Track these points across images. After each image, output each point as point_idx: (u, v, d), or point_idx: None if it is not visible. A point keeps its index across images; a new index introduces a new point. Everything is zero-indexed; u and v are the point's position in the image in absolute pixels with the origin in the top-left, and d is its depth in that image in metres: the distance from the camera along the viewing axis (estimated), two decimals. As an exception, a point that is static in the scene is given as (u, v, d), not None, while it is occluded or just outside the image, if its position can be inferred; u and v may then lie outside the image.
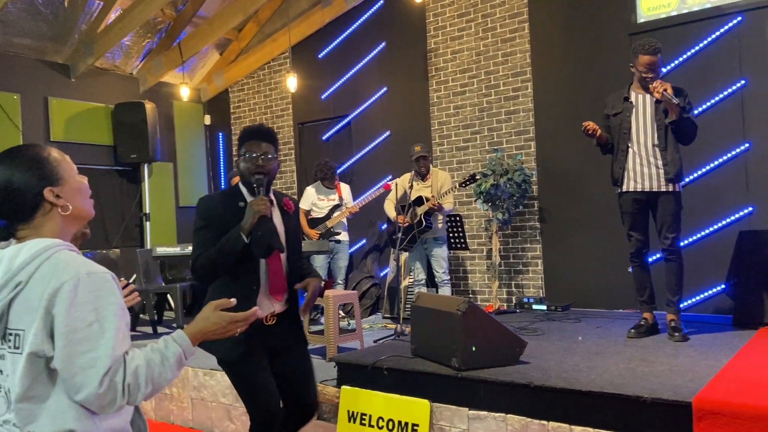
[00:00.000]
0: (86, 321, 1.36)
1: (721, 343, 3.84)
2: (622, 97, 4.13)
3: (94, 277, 1.39)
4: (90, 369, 1.34)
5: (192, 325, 1.55)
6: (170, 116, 8.08)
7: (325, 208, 6.07)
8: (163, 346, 1.47)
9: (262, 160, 2.52)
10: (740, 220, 4.97)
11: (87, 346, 1.35)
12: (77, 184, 1.54)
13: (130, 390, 1.37)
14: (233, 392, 4.16)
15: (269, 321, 2.61)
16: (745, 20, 4.97)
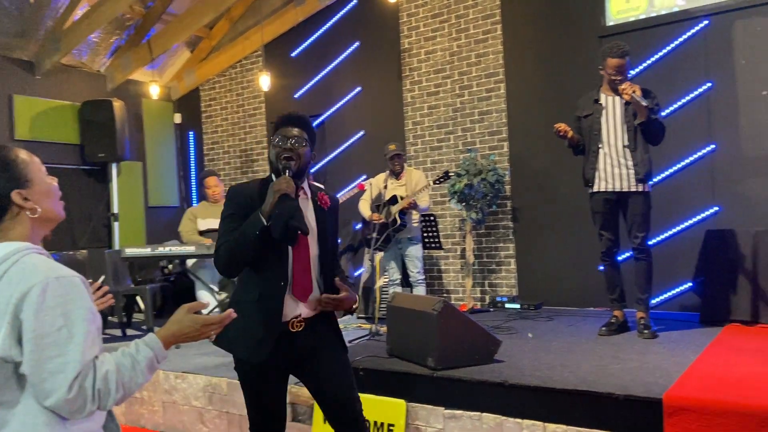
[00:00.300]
0: (55, 326, 1.33)
1: (688, 340, 3.92)
2: (593, 100, 4.20)
3: (63, 281, 1.37)
4: (59, 374, 1.31)
5: (164, 328, 1.52)
6: (139, 114, 7.94)
7: None
8: (134, 350, 1.45)
9: (290, 143, 2.30)
10: (706, 219, 5.08)
11: (56, 351, 1.32)
12: (46, 186, 1.51)
13: (100, 395, 1.35)
14: (206, 395, 4.11)
15: (296, 327, 2.31)
16: (712, 24, 5.09)
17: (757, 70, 4.92)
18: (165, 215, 8.11)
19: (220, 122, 8.09)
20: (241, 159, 7.92)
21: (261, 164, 7.75)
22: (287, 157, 2.27)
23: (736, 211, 4.95)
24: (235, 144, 7.96)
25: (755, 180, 4.93)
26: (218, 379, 4.07)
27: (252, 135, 7.81)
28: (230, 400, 4.00)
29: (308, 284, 2.33)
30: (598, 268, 5.14)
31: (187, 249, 5.19)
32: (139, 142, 7.87)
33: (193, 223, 5.69)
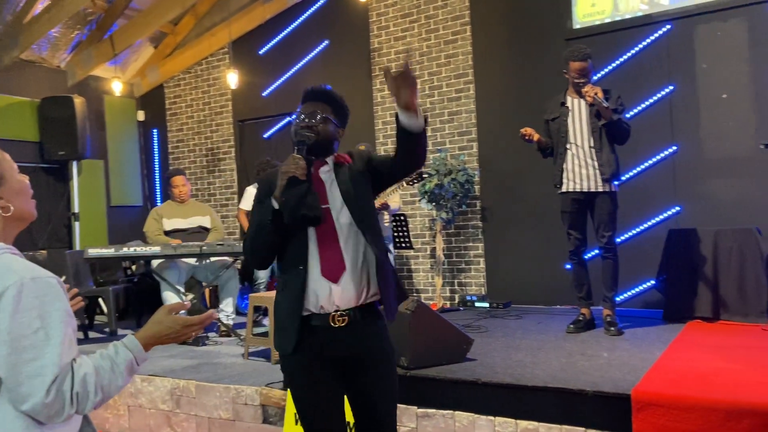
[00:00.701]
0: (31, 328, 1.29)
1: (653, 336, 4.02)
2: (559, 102, 4.29)
3: (39, 281, 1.33)
4: (36, 378, 1.27)
5: (144, 329, 1.49)
6: (101, 111, 7.74)
7: None
8: (113, 352, 1.41)
9: (309, 117, 2.12)
10: (669, 219, 5.22)
11: (32, 354, 1.28)
12: (18, 184, 1.47)
13: (78, 399, 1.31)
14: (173, 398, 4.04)
15: (337, 322, 2.03)
16: (674, 28, 5.23)
17: (717, 74, 5.07)
18: (128, 215, 7.93)
19: (185, 120, 7.95)
20: (207, 158, 7.79)
21: (228, 163, 7.65)
22: (303, 135, 2.08)
23: (697, 211, 5.09)
24: (201, 142, 7.84)
25: (715, 180, 5.08)
26: (186, 382, 4.00)
27: (218, 133, 7.70)
28: (199, 402, 3.93)
29: (338, 262, 2.04)
30: (565, 266, 5.23)
31: (153, 249, 5.08)
32: (100, 140, 7.68)
33: (158, 223, 5.58)
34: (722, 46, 5.06)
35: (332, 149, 2.19)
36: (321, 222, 2.05)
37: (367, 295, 2.09)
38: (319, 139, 2.11)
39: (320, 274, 2.03)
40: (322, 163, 2.16)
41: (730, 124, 5.03)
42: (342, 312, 2.03)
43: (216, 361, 4.53)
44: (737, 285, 4.35)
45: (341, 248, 2.05)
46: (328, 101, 2.19)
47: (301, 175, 2.02)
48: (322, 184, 2.13)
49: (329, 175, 2.15)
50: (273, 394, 3.70)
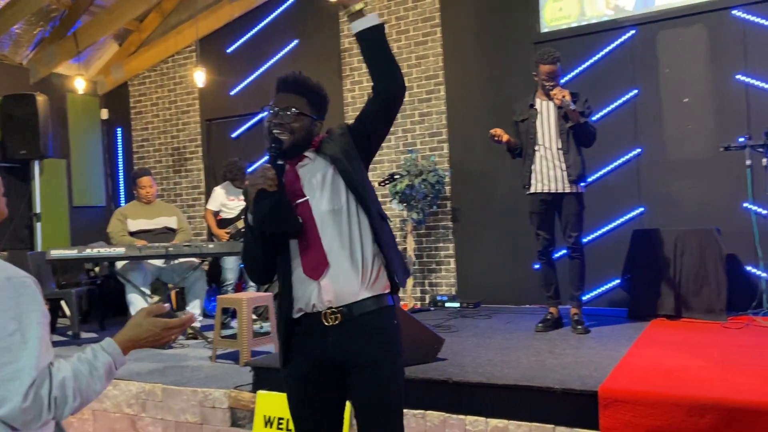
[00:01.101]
0: (7, 330, 1.24)
1: (618, 334, 4.10)
2: (528, 104, 4.34)
3: (14, 281, 1.27)
4: (12, 381, 1.22)
5: (123, 332, 1.45)
6: (64, 110, 7.56)
7: (236, 208, 5.91)
8: (91, 356, 1.36)
9: (282, 112, 1.95)
10: (633, 219, 5.33)
11: (8, 357, 1.23)
12: None
13: (56, 403, 1.26)
14: (139, 402, 3.96)
15: (329, 320, 1.87)
16: (638, 33, 5.34)
17: (679, 78, 5.20)
18: (91, 215, 7.76)
19: (150, 119, 7.81)
20: (173, 157, 7.67)
21: (195, 162, 7.54)
22: (276, 139, 1.91)
23: (661, 212, 5.22)
24: (167, 142, 7.71)
25: (677, 182, 5.21)
26: (152, 385, 3.93)
27: (185, 132, 7.58)
28: (165, 406, 3.86)
29: (319, 258, 1.88)
30: (534, 266, 5.30)
31: (117, 251, 4.98)
32: (63, 139, 7.49)
33: (122, 223, 5.47)
34: (684, 51, 5.19)
35: (309, 143, 2.01)
36: (300, 234, 1.91)
37: (367, 284, 1.90)
38: (295, 140, 1.95)
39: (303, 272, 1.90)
40: (300, 159, 2.00)
41: (691, 127, 5.17)
42: (335, 309, 1.87)
43: (183, 364, 4.46)
44: (699, 284, 4.47)
45: (321, 242, 1.89)
46: (303, 92, 2.01)
47: (269, 186, 1.86)
48: (297, 179, 1.97)
49: (307, 167, 1.99)
50: (242, 396, 3.66)
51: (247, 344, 4.28)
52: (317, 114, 2.04)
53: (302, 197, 1.94)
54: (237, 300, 4.45)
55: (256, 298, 4.57)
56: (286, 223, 1.88)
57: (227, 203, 5.92)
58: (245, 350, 4.27)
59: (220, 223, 5.89)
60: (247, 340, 4.28)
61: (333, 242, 1.89)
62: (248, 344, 4.29)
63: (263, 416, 3.55)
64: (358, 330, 1.88)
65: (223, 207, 5.93)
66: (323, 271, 1.88)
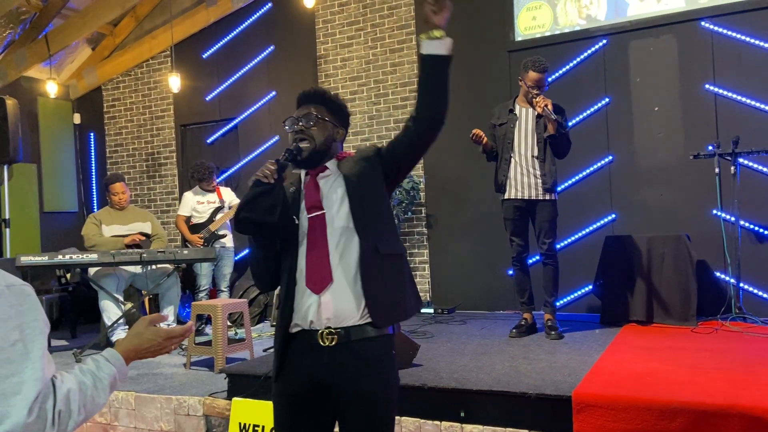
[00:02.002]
0: (9, 340, 1.16)
1: (591, 339, 4.16)
2: (508, 109, 4.38)
3: (14, 290, 1.20)
4: (15, 396, 1.15)
5: (124, 342, 1.40)
6: (34, 113, 7.43)
7: (206, 212, 5.86)
8: (94, 367, 1.31)
9: (299, 124, 1.94)
10: (605, 226, 5.42)
11: (10, 369, 1.15)
12: None
13: (60, 418, 1.20)
14: (111, 410, 3.89)
15: (326, 341, 1.80)
16: (610, 43, 5.45)
17: (650, 88, 5.31)
18: (62, 221, 7.62)
19: (124, 123, 7.72)
20: (147, 162, 7.58)
21: (169, 168, 7.46)
22: (296, 147, 1.91)
23: (632, 218, 5.31)
24: (141, 147, 7.62)
25: (648, 189, 5.31)
26: (125, 393, 3.87)
27: (159, 138, 7.50)
28: (138, 414, 3.81)
29: (324, 271, 1.82)
30: (507, 272, 5.35)
31: (90, 257, 4.90)
32: (33, 143, 7.37)
33: (97, 227, 5.39)
34: (655, 60, 5.30)
35: (330, 152, 1.99)
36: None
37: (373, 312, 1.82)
38: (316, 147, 1.93)
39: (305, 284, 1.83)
40: (322, 169, 1.97)
41: (661, 135, 5.28)
42: (332, 330, 1.79)
43: (156, 371, 4.40)
44: (669, 289, 4.55)
45: (329, 256, 1.83)
46: (321, 101, 2.01)
47: (264, 177, 1.83)
48: (317, 190, 1.94)
49: (329, 179, 1.96)
50: (216, 404, 3.63)
51: (221, 351, 4.24)
52: (337, 121, 2.02)
53: (320, 209, 1.90)
54: (212, 306, 4.41)
55: (231, 305, 4.53)
56: (266, 212, 1.81)
57: (197, 207, 5.87)
58: (220, 357, 4.23)
59: (192, 229, 5.83)
60: (221, 347, 4.25)
61: (341, 260, 1.83)
62: (223, 351, 4.25)
63: (238, 423, 3.52)
64: (354, 356, 1.80)
65: (194, 212, 5.87)
66: (325, 286, 1.81)
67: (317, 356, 1.81)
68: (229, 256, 5.92)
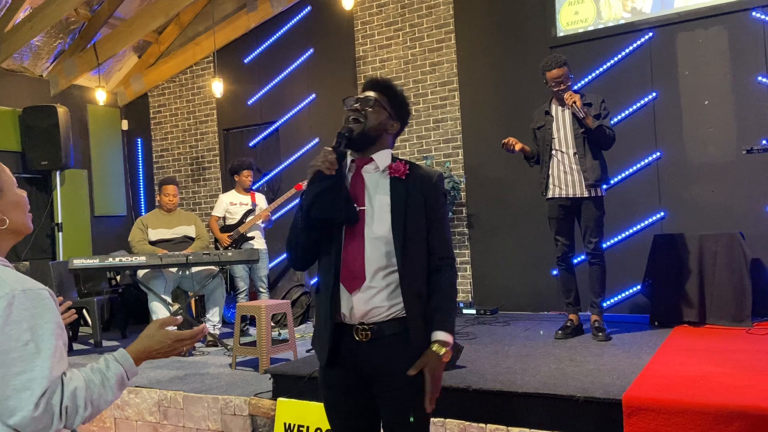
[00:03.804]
0: (21, 340, 1.28)
1: (641, 341, 4.04)
2: (544, 111, 4.35)
3: (30, 293, 1.31)
4: (24, 391, 1.26)
5: (135, 343, 1.49)
6: (84, 121, 7.67)
7: (238, 213, 5.96)
8: (104, 366, 1.40)
9: (360, 102, 1.95)
10: (654, 224, 5.27)
11: (22, 366, 1.27)
12: (16, 197, 1.46)
13: (67, 413, 1.29)
14: (160, 410, 3.98)
15: (360, 336, 1.85)
16: (656, 36, 5.30)
17: (699, 80, 5.14)
18: (112, 224, 7.85)
19: (169, 129, 7.90)
20: (192, 167, 7.74)
21: (213, 171, 7.60)
22: (347, 126, 1.92)
23: (682, 216, 5.15)
24: (186, 151, 7.78)
25: (698, 186, 5.14)
26: (173, 393, 3.95)
27: (204, 142, 7.65)
28: (186, 414, 3.88)
29: (358, 271, 1.85)
30: (552, 272, 5.26)
31: (139, 259, 5.03)
32: (84, 150, 7.60)
33: (143, 233, 5.54)
34: (704, 53, 5.13)
35: (380, 143, 1.97)
36: (350, 223, 1.87)
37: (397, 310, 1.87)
38: (366, 128, 1.93)
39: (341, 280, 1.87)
40: (367, 161, 1.96)
41: (712, 130, 5.10)
42: (366, 326, 1.85)
43: (203, 371, 4.48)
44: (722, 289, 4.39)
45: (365, 257, 1.86)
46: (386, 91, 2.00)
47: (327, 169, 1.83)
48: (362, 183, 1.93)
49: (373, 175, 1.95)
50: (262, 404, 3.67)
51: (266, 351, 4.29)
52: (395, 113, 2.00)
53: (362, 205, 1.91)
54: (256, 307, 4.47)
55: (274, 306, 4.58)
56: (333, 209, 1.85)
57: (230, 208, 5.98)
58: (264, 357, 4.28)
59: (224, 230, 5.95)
60: (266, 348, 4.30)
61: (374, 262, 1.86)
62: (267, 351, 4.30)
63: (283, 423, 3.55)
64: (388, 347, 1.85)
65: (227, 213, 5.99)
66: (358, 286, 1.85)
67: (354, 349, 1.88)
68: (262, 258, 5.99)
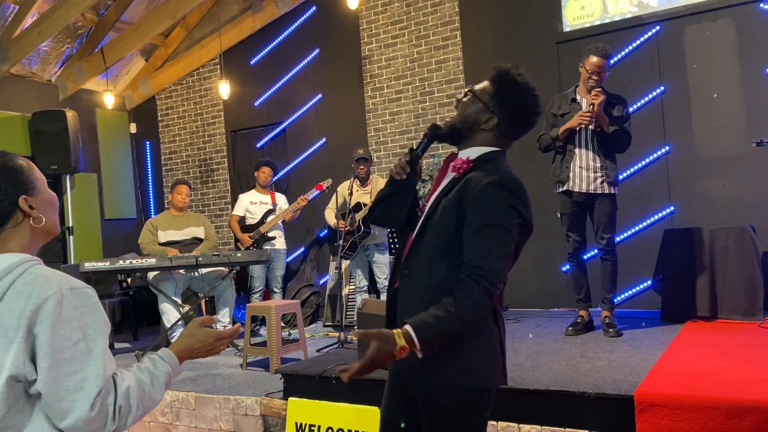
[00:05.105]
0: (72, 339, 1.25)
1: (652, 337, 4.02)
2: (570, 99, 4.20)
3: (77, 292, 1.29)
4: (78, 392, 1.23)
5: (177, 342, 1.48)
6: (93, 125, 7.72)
7: (258, 213, 5.97)
8: (151, 365, 1.39)
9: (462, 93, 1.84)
10: (664, 219, 5.23)
11: (74, 366, 1.24)
12: (50, 195, 1.45)
13: (120, 413, 1.27)
14: (173, 410, 4.01)
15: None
16: (663, 29, 5.26)
17: (707, 74, 5.10)
18: (122, 227, 7.90)
19: (177, 131, 7.93)
20: (200, 168, 7.78)
21: (221, 173, 7.63)
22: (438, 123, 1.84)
23: (692, 210, 5.11)
24: (194, 153, 7.82)
25: (708, 179, 5.10)
26: (186, 394, 3.97)
27: (211, 144, 7.68)
28: (199, 414, 3.90)
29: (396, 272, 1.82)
30: (561, 268, 5.23)
31: (149, 261, 5.06)
32: (93, 153, 7.65)
33: (153, 234, 5.56)
34: (712, 45, 5.09)
35: (471, 138, 1.79)
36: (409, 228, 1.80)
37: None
38: (454, 122, 1.80)
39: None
40: (453, 157, 1.83)
41: (721, 123, 5.06)
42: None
43: (214, 372, 4.50)
44: (734, 283, 4.36)
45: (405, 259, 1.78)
46: (495, 80, 1.79)
47: (396, 174, 1.78)
48: (439, 182, 1.84)
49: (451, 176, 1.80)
50: (273, 404, 3.68)
51: (276, 352, 4.31)
52: (495, 106, 1.77)
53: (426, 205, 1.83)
54: (266, 308, 4.48)
55: (284, 306, 4.60)
56: (393, 215, 1.82)
57: (249, 208, 5.98)
58: (275, 357, 4.30)
59: (244, 229, 5.96)
60: (276, 348, 4.31)
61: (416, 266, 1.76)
62: (278, 352, 4.31)
63: (295, 423, 3.56)
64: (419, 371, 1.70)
65: (248, 212, 6.00)
66: (396, 288, 1.79)
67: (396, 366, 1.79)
68: (280, 259, 6.01)
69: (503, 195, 1.67)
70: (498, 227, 1.66)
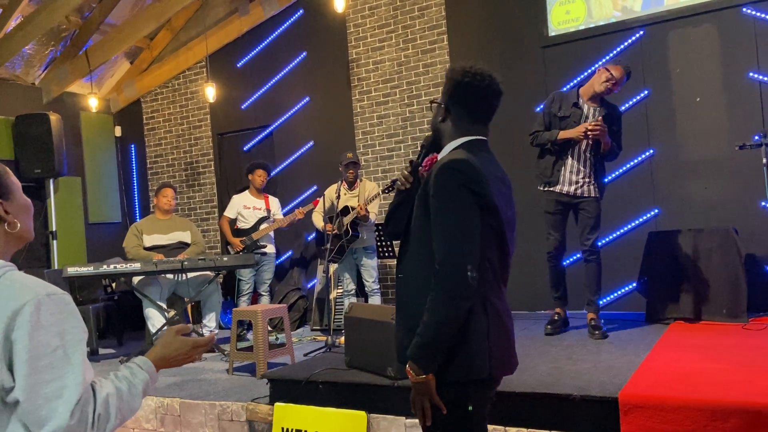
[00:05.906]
0: (51, 346, 1.22)
1: (637, 339, 4.05)
2: (571, 102, 4.24)
3: (55, 298, 1.27)
4: (57, 400, 1.21)
5: (153, 351, 1.47)
6: (77, 128, 7.64)
7: (252, 219, 5.93)
8: (129, 373, 1.37)
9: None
10: (648, 221, 5.28)
11: (53, 374, 1.22)
12: (25, 201, 1.43)
13: (99, 421, 1.25)
14: (157, 417, 3.97)
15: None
16: (647, 34, 5.31)
17: (690, 78, 5.16)
18: (106, 231, 7.83)
19: (163, 134, 7.88)
20: (186, 172, 7.73)
21: (207, 176, 7.59)
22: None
23: (675, 213, 5.16)
24: (180, 156, 7.77)
25: (692, 182, 5.15)
26: (170, 400, 3.94)
27: (198, 147, 7.64)
28: (184, 420, 3.87)
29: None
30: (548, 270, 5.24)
31: (134, 266, 5.01)
32: (77, 157, 7.58)
33: (138, 239, 5.52)
34: (695, 50, 5.15)
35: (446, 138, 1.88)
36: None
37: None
38: (433, 134, 1.89)
39: None
40: (432, 159, 1.92)
41: (704, 126, 5.11)
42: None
43: (200, 377, 4.47)
44: (717, 285, 4.40)
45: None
46: (445, 81, 1.89)
47: (401, 184, 1.84)
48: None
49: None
50: (259, 409, 3.66)
51: (263, 356, 4.28)
52: (447, 99, 1.86)
53: None
54: (252, 312, 4.46)
55: (271, 310, 4.58)
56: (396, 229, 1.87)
57: (243, 212, 5.94)
58: (261, 362, 4.27)
59: (236, 233, 5.91)
60: (263, 353, 4.29)
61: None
62: (264, 356, 4.29)
63: (281, 428, 3.55)
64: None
65: (240, 216, 5.95)
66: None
67: None
68: (269, 262, 5.98)
69: (449, 175, 1.69)
70: (446, 212, 1.68)
